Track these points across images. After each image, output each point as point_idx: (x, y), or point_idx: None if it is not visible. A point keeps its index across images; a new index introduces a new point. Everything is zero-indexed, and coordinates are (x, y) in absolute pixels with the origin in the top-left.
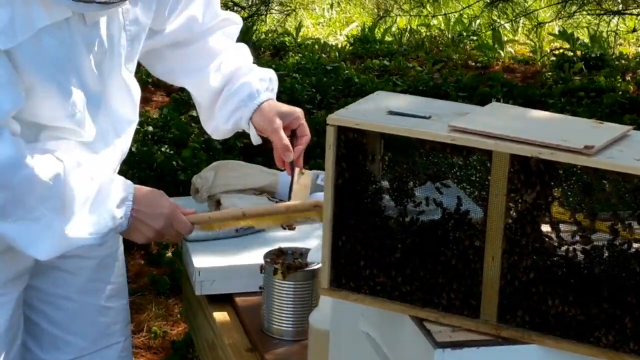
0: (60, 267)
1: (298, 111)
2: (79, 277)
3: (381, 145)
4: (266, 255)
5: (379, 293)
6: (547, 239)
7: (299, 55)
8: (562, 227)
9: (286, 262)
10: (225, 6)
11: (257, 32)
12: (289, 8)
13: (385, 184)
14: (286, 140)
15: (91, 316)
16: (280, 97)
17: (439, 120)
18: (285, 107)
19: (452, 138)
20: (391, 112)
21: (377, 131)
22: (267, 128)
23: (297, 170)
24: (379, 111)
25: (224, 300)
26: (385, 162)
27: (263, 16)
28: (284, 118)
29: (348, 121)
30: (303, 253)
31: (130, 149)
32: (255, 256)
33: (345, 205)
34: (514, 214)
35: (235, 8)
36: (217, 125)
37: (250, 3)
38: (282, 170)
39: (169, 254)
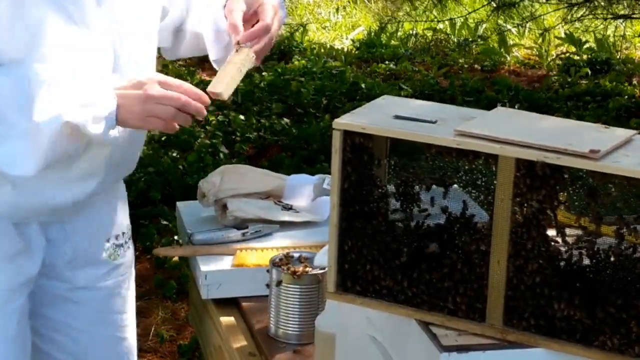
0: (70, 298)
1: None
2: (89, 308)
3: (387, 150)
4: (273, 260)
5: (385, 297)
6: (552, 243)
7: (305, 59)
8: (567, 231)
9: (292, 266)
10: None
11: None
12: (297, 17)
13: (391, 188)
14: (235, 20)
15: (105, 347)
16: (285, 101)
17: (445, 124)
18: None
19: (457, 142)
20: (397, 117)
21: (384, 135)
22: (227, 11)
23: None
24: (385, 115)
25: (230, 304)
26: (391, 166)
27: None
28: (248, 3)
29: (354, 125)
30: (309, 257)
31: None
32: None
33: (351, 209)
34: (520, 218)
35: None
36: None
37: None
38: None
39: (176, 258)
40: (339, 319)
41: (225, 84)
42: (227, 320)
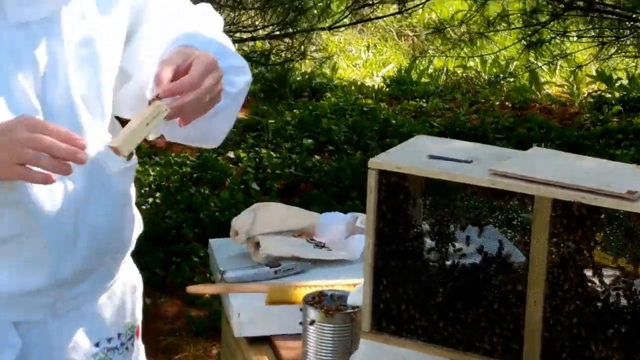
0: None
1: (199, 53)
2: None
3: (422, 189)
4: (306, 298)
5: (420, 336)
6: (589, 284)
7: (336, 96)
8: (604, 271)
9: (326, 304)
10: (262, 54)
11: (293, 75)
12: (327, 54)
13: (426, 227)
14: (161, 72)
15: None
16: (317, 138)
17: (480, 164)
18: (192, 48)
19: (493, 182)
20: (432, 156)
21: (419, 175)
22: (160, 62)
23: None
24: (419, 155)
25: (263, 342)
26: (426, 206)
27: (300, 61)
28: (185, 56)
29: (389, 165)
30: (342, 296)
31: (168, 189)
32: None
33: (386, 248)
34: (556, 258)
35: (273, 51)
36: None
37: (288, 46)
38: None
39: (207, 295)
40: (373, 358)
41: (123, 138)
42: (259, 358)
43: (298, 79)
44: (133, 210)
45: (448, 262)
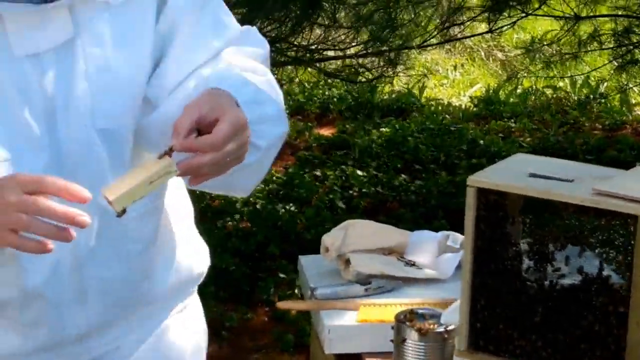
0: None
1: (228, 108)
2: None
3: (521, 207)
4: (398, 316)
5: (518, 357)
6: None
7: (423, 115)
8: None
9: (418, 323)
10: (350, 72)
11: (382, 93)
12: (420, 72)
13: (525, 246)
14: (181, 121)
15: None
16: (403, 157)
17: (582, 183)
18: (224, 99)
19: (596, 202)
20: (532, 175)
21: (519, 193)
22: (183, 109)
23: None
24: (519, 173)
25: None
26: (526, 224)
27: (389, 78)
28: (214, 108)
29: (489, 183)
30: (435, 315)
31: (255, 205)
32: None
33: (483, 266)
34: None
35: (361, 70)
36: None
37: (376, 64)
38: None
39: (294, 312)
40: None
41: (120, 192)
42: None
43: (385, 97)
44: (175, 251)
45: (546, 282)
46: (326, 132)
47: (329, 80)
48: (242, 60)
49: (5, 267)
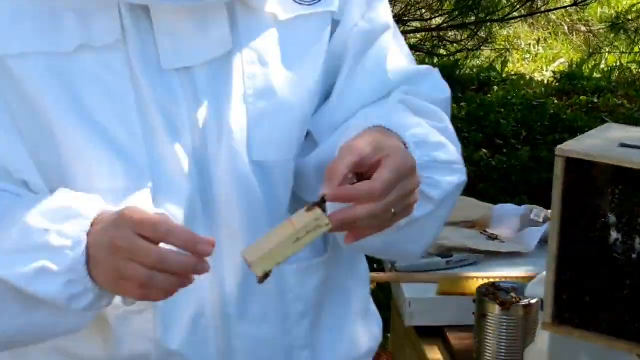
0: None
1: (393, 149)
2: None
3: (610, 178)
4: (480, 289)
5: (604, 330)
6: None
7: (504, 90)
8: None
9: (501, 297)
10: (432, 45)
11: (464, 67)
12: (502, 46)
13: (614, 218)
14: (337, 164)
15: None
16: (485, 131)
17: None
18: (388, 139)
19: None
20: (623, 145)
21: (610, 163)
22: (341, 149)
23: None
24: (610, 143)
25: (433, 332)
26: (615, 196)
27: (472, 52)
28: (376, 148)
29: (578, 152)
30: (518, 288)
31: None
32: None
33: (571, 238)
34: None
35: (444, 43)
36: None
37: (460, 38)
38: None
39: (373, 284)
40: (551, 351)
41: (261, 253)
42: (430, 348)
43: (467, 71)
44: (346, 319)
45: (634, 255)
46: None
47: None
48: (417, 102)
49: (142, 315)
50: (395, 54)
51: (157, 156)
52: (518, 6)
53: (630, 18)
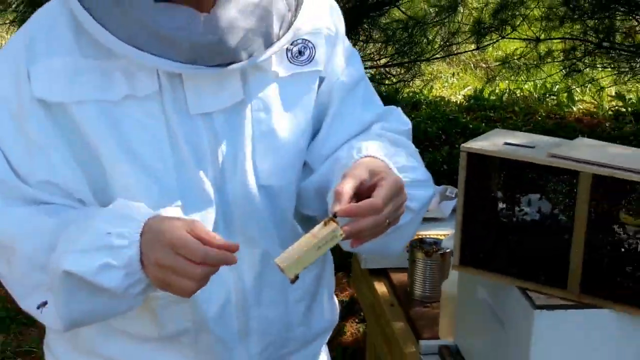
0: None
1: (385, 174)
2: None
3: (498, 167)
4: (412, 243)
5: (493, 270)
6: (617, 235)
7: (430, 108)
8: (628, 227)
9: (426, 248)
10: (379, 79)
11: (402, 92)
12: (428, 78)
13: (500, 194)
14: (343, 187)
15: None
16: (417, 137)
17: (541, 149)
18: (380, 166)
19: (550, 162)
20: (507, 143)
21: (497, 156)
22: (343, 175)
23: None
24: (498, 143)
25: (380, 273)
26: (501, 179)
27: (409, 82)
28: (372, 173)
29: (476, 149)
30: (437, 242)
31: None
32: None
33: (471, 208)
34: (594, 216)
35: (388, 76)
36: None
37: (398, 73)
38: None
39: None
40: (459, 284)
41: (292, 260)
42: (378, 284)
43: (404, 96)
44: (328, 299)
45: (514, 219)
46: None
47: None
48: (391, 135)
49: (179, 305)
50: (368, 98)
51: (186, 180)
52: (439, 50)
53: (515, 58)
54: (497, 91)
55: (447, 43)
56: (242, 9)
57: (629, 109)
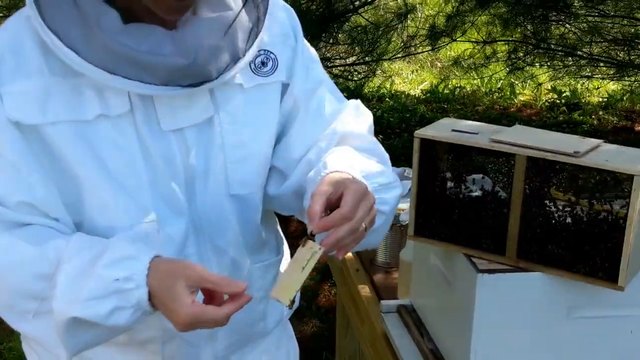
0: None
1: (349, 183)
2: None
3: (447, 150)
4: None
5: (444, 239)
6: (548, 208)
7: (392, 100)
8: (558, 202)
9: None
10: (341, 77)
11: (367, 87)
12: (390, 74)
13: (449, 174)
14: (314, 206)
15: None
16: (381, 125)
17: (483, 135)
18: (342, 177)
19: (491, 146)
20: (454, 130)
21: (445, 141)
22: (312, 194)
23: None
24: (447, 129)
25: None
26: (449, 161)
27: (372, 78)
28: (336, 186)
29: (428, 135)
30: (397, 216)
31: None
32: None
33: (424, 186)
34: (528, 192)
35: (353, 73)
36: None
37: (362, 70)
38: None
39: None
40: (414, 252)
41: (282, 288)
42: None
43: (369, 90)
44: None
45: (461, 195)
46: None
47: (335, 80)
48: (353, 134)
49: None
50: (329, 99)
51: (159, 195)
52: (400, 51)
53: (465, 58)
54: (450, 86)
55: (407, 45)
56: (209, 26)
57: (563, 101)
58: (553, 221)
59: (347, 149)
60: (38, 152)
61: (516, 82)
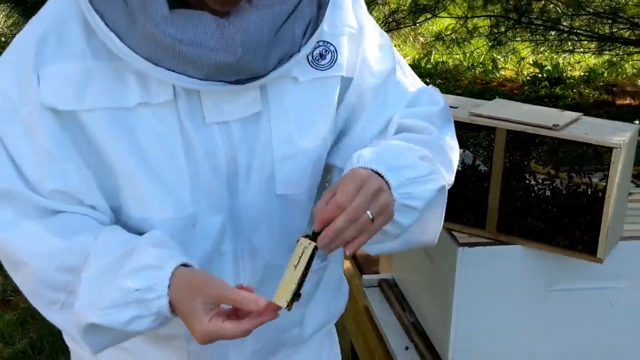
0: None
1: (350, 172)
2: None
3: None
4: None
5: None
6: (527, 182)
7: None
8: (537, 175)
9: None
10: None
11: None
12: None
13: None
14: (320, 204)
15: None
16: None
17: (464, 109)
18: (363, 175)
19: (471, 120)
20: None
21: None
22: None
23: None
24: None
25: None
26: None
27: None
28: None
29: None
30: None
31: None
32: None
33: None
34: (508, 165)
35: None
36: None
37: None
38: None
39: None
40: None
41: (280, 292)
42: None
43: None
44: (328, 298)
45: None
46: None
47: None
48: (407, 122)
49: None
50: (397, 91)
51: (199, 190)
52: (382, 26)
53: (447, 33)
54: (432, 61)
55: (389, 20)
56: (263, 19)
57: (545, 75)
58: (533, 194)
59: (388, 143)
60: (77, 139)
61: (498, 57)
